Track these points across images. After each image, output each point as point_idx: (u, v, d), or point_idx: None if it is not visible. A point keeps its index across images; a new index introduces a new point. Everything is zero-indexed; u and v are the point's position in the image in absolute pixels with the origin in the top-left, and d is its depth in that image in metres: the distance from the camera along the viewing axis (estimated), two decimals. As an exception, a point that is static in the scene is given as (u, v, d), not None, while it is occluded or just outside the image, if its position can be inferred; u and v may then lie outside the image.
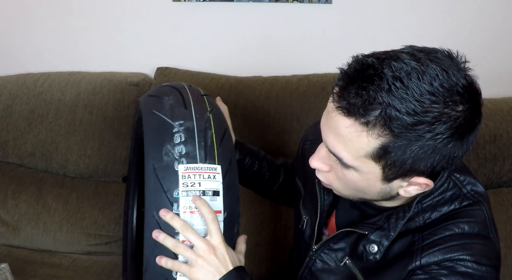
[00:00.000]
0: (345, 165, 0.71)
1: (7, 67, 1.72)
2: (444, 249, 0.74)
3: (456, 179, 0.79)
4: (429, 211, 0.78)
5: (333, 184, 0.79)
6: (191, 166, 0.82)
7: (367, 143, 0.66)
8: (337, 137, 0.69)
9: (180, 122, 0.84)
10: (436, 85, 0.62)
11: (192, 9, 1.61)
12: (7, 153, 1.60)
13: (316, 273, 0.90)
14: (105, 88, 1.55)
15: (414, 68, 0.62)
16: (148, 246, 0.82)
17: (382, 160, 0.68)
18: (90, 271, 1.45)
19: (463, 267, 0.73)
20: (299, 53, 1.62)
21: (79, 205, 1.53)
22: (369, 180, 0.72)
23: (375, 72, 0.63)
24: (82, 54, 1.70)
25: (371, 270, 0.82)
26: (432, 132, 0.63)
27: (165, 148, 0.82)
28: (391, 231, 0.78)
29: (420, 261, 0.75)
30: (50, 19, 1.68)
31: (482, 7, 1.54)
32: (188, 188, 0.81)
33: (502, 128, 1.42)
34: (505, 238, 1.37)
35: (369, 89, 0.62)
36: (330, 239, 0.88)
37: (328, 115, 0.70)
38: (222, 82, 1.53)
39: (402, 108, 0.61)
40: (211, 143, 0.85)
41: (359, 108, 0.63)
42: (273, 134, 1.48)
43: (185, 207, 0.81)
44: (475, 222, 0.76)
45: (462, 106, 0.64)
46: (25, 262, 1.46)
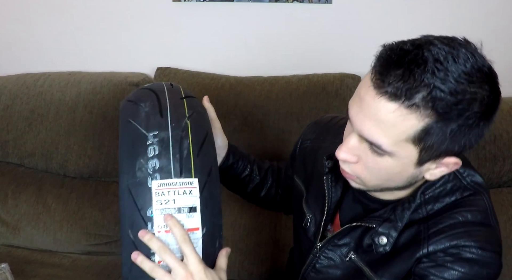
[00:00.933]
0: (381, 152, 0.71)
1: (7, 67, 1.73)
2: (450, 236, 0.76)
3: (456, 171, 0.81)
4: (432, 203, 0.80)
5: (361, 175, 0.77)
6: (165, 182, 0.77)
7: (411, 126, 0.67)
8: (378, 124, 0.69)
9: (154, 133, 0.79)
10: (469, 67, 0.66)
11: (192, 9, 1.61)
12: (7, 153, 1.60)
13: (320, 270, 0.91)
14: (105, 88, 1.55)
15: (449, 52, 0.66)
16: (125, 264, 0.79)
17: (422, 143, 0.69)
18: (90, 271, 1.45)
19: (468, 253, 0.75)
20: (299, 53, 1.62)
21: (79, 205, 1.53)
22: (404, 165, 0.72)
23: (416, 57, 0.65)
24: (82, 54, 1.70)
25: (378, 262, 0.83)
26: (470, 111, 0.66)
27: (138, 162, 0.78)
28: (399, 222, 0.79)
29: (427, 249, 0.77)
30: (51, 19, 1.68)
31: (482, 7, 1.54)
32: (162, 205, 0.77)
33: (502, 128, 1.42)
34: (505, 238, 1.37)
35: (415, 72, 0.64)
36: (335, 235, 0.88)
37: (363, 104, 0.70)
38: (222, 82, 1.53)
39: (445, 89, 0.64)
40: (188, 154, 0.79)
41: (406, 91, 0.65)
42: (273, 134, 1.47)
43: (159, 226, 0.77)
44: (477, 211, 0.79)
45: (488, 87, 0.68)
46: (25, 262, 1.46)
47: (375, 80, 0.67)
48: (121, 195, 0.79)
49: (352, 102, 0.73)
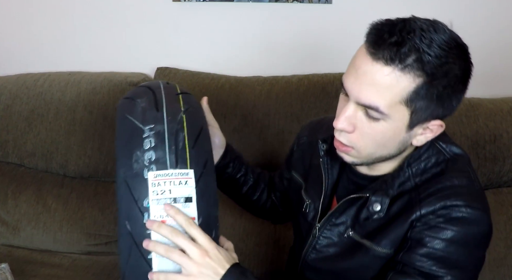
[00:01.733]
0: (378, 116, 0.78)
1: (7, 67, 1.73)
2: (439, 197, 0.81)
3: (439, 146, 0.88)
4: (419, 175, 0.86)
5: (357, 143, 0.82)
6: (161, 173, 0.79)
7: (404, 87, 0.75)
8: (375, 88, 0.76)
9: (150, 127, 0.81)
10: (447, 37, 0.76)
11: (192, 9, 1.61)
12: (7, 153, 1.60)
13: (320, 250, 0.95)
14: (105, 88, 1.55)
15: (431, 25, 0.76)
16: (123, 256, 0.80)
17: (413, 104, 0.77)
18: (90, 271, 1.45)
19: (458, 212, 0.80)
20: (299, 53, 1.62)
21: (79, 205, 1.53)
22: (397, 128, 0.79)
23: (405, 27, 0.75)
24: (82, 54, 1.70)
25: (375, 232, 0.87)
26: (452, 73, 0.75)
27: (134, 155, 0.79)
28: (390, 189, 0.85)
29: (420, 211, 0.82)
30: (50, 19, 1.68)
31: (482, 7, 1.55)
32: (158, 196, 0.78)
33: (502, 128, 1.42)
34: (505, 238, 1.37)
35: (406, 39, 0.73)
36: (333, 214, 0.92)
37: (359, 72, 0.77)
38: (222, 82, 1.53)
39: (431, 53, 0.73)
40: (183, 146, 0.81)
41: (399, 55, 0.73)
42: (273, 134, 1.47)
43: (155, 216, 0.78)
44: (462, 177, 0.84)
45: (462, 55, 0.78)
46: (25, 262, 1.46)
47: (371, 49, 0.76)
48: (118, 187, 0.80)
49: (347, 75, 0.80)
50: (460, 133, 1.41)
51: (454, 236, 0.80)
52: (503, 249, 1.37)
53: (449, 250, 0.80)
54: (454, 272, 0.80)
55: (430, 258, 0.80)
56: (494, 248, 1.36)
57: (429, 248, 0.80)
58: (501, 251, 1.37)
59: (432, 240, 0.80)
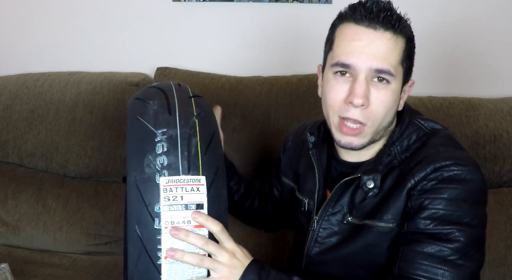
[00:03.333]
0: (389, 78, 0.84)
1: (7, 67, 1.73)
2: (428, 161, 0.85)
3: (418, 122, 0.93)
4: (404, 151, 0.90)
5: (372, 117, 0.86)
6: (173, 178, 0.78)
7: (400, 48, 0.85)
8: (382, 53, 0.84)
9: (163, 131, 0.80)
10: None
11: (192, 9, 1.61)
12: (7, 153, 1.60)
13: (322, 242, 0.95)
14: (105, 88, 1.55)
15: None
16: (131, 261, 0.79)
17: (404, 63, 0.87)
18: (90, 271, 1.45)
19: (449, 171, 0.83)
20: (299, 53, 1.62)
21: (79, 205, 1.53)
22: (398, 90, 0.87)
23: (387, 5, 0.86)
24: (82, 54, 1.70)
25: (374, 210, 0.89)
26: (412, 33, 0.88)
27: (146, 159, 0.79)
28: (379, 166, 0.89)
29: (414, 179, 0.85)
30: (50, 19, 1.68)
31: (483, 8, 1.54)
32: (170, 202, 0.78)
33: (502, 128, 1.42)
34: (505, 238, 1.37)
35: (391, 8, 0.85)
36: (328, 203, 0.94)
37: (361, 45, 0.84)
38: (222, 82, 1.53)
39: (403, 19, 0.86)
40: (195, 152, 0.81)
41: (393, 21, 0.84)
42: (273, 134, 1.47)
43: (166, 222, 0.77)
44: (445, 144, 0.89)
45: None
46: (25, 262, 1.46)
47: (365, 22, 0.84)
48: (129, 191, 0.79)
49: (347, 54, 0.85)
50: (460, 133, 1.41)
51: (451, 193, 0.82)
52: (503, 249, 1.37)
53: (450, 208, 0.82)
54: (460, 227, 0.81)
55: (434, 219, 0.82)
56: (494, 248, 1.36)
57: (430, 209, 0.82)
58: (501, 251, 1.37)
59: (432, 201, 0.82)
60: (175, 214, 0.78)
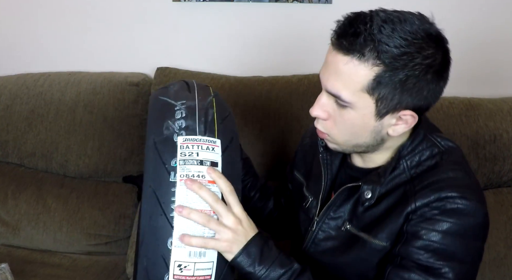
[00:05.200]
0: (343, 103, 0.81)
1: (7, 67, 1.73)
2: (434, 189, 0.82)
3: (434, 139, 0.89)
4: (414, 167, 0.87)
5: (331, 130, 0.86)
6: (190, 137, 0.82)
7: (364, 76, 0.78)
8: (337, 77, 0.80)
9: (182, 102, 0.86)
10: (415, 28, 0.77)
11: (192, 9, 1.61)
12: (7, 153, 1.59)
13: (319, 243, 0.96)
14: (105, 88, 1.55)
15: (397, 17, 0.78)
16: (144, 217, 0.81)
17: (376, 92, 0.79)
18: (90, 271, 1.45)
19: (453, 204, 0.81)
20: (299, 53, 1.62)
21: (79, 205, 1.53)
22: (365, 116, 0.81)
23: (366, 19, 0.78)
24: (82, 54, 1.70)
25: (371, 224, 0.88)
26: (413, 62, 0.76)
27: (166, 123, 0.83)
28: (381, 178, 0.87)
29: (415, 203, 0.82)
30: (50, 19, 1.68)
31: (482, 8, 1.55)
32: (186, 157, 0.81)
33: (502, 128, 1.42)
34: (506, 238, 1.37)
35: (364, 30, 0.76)
36: (330, 207, 0.94)
37: (327, 63, 0.82)
38: (222, 82, 1.53)
39: (390, 43, 0.76)
40: (212, 119, 0.86)
41: (356, 45, 0.77)
42: (273, 134, 1.47)
43: (182, 175, 0.80)
44: (457, 169, 0.85)
45: (434, 46, 0.78)
46: (25, 262, 1.46)
47: (334, 40, 0.80)
48: (147, 153, 0.83)
49: (322, 67, 0.84)
50: (460, 133, 1.41)
51: (450, 227, 0.80)
52: (503, 249, 1.37)
53: (446, 242, 0.80)
54: (452, 263, 0.80)
55: (427, 251, 0.81)
56: (494, 248, 1.36)
57: (425, 240, 0.81)
58: (501, 251, 1.37)
59: (428, 232, 0.81)
60: (190, 168, 0.81)
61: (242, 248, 0.83)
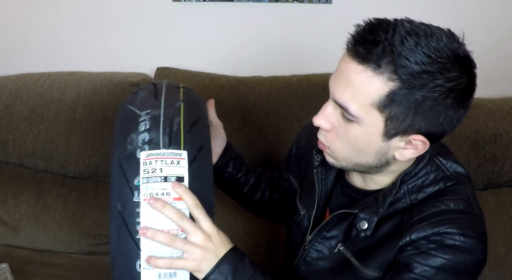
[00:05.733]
0: (350, 117, 0.75)
1: (7, 67, 1.72)
2: (432, 224, 0.78)
3: (439, 162, 0.84)
4: (415, 192, 0.82)
5: (332, 144, 0.80)
6: (153, 152, 0.78)
7: (376, 89, 0.71)
8: (347, 87, 0.73)
9: (147, 112, 0.81)
10: (442, 45, 0.70)
11: (192, 9, 1.61)
12: (7, 153, 1.59)
13: (310, 262, 0.93)
14: (105, 88, 1.55)
15: (423, 30, 0.70)
16: (113, 238, 0.79)
17: (387, 110, 0.72)
18: (90, 271, 1.45)
19: (450, 240, 0.76)
20: (299, 53, 1.62)
21: (79, 205, 1.53)
22: (371, 134, 0.75)
23: (389, 27, 0.70)
24: (82, 54, 1.70)
25: (364, 252, 0.84)
26: (434, 83, 0.69)
27: (129, 137, 0.80)
28: (380, 207, 0.82)
29: (410, 237, 0.78)
30: (50, 19, 1.68)
31: (482, 7, 1.54)
32: (149, 174, 0.77)
33: (502, 128, 1.42)
34: (505, 238, 1.37)
35: (384, 39, 0.69)
36: (323, 227, 0.90)
37: (338, 70, 0.76)
38: (222, 82, 1.53)
39: (411, 58, 0.68)
40: (178, 129, 0.80)
41: (372, 55, 0.69)
42: (273, 134, 1.47)
43: (145, 194, 0.76)
44: (459, 200, 0.80)
45: (460, 69, 0.71)
46: (25, 262, 1.46)
47: (350, 46, 0.73)
48: (112, 169, 0.81)
49: (332, 74, 0.78)
50: (460, 133, 1.41)
51: (445, 264, 0.76)
52: (503, 249, 1.37)
53: (437, 278, 0.77)
54: None
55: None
56: (494, 248, 1.36)
57: (417, 274, 0.77)
58: (501, 251, 1.37)
59: (421, 267, 0.77)
60: (154, 186, 0.77)
61: (213, 266, 0.78)
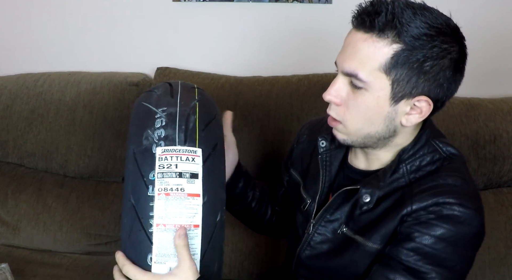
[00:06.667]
0: (358, 84, 0.80)
1: (7, 67, 1.72)
2: (432, 194, 0.81)
3: (436, 144, 0.88)
4: (414, 172, 0.86)
5: (344, 116, 0.84)
6: (169, 148, 0.80)
7: (382, 54, 0.77)
8: (354, 55, 0.79)
9: (163, 109, 0.83)
10: (435, 15, 0.79)
11: (192, 9, 1.61)
12: (7, 153, 1.59)
13: (314, 246, 0.95)
14: (105, 88, 1.55)
15: (418, 5, 0.79)
16: (124, 231, 0.81)
17: (392, 72, 0.78)
18: (90, 271, 1.45)
19: (449, 210, 0.80)
20: (299, 53, 1.62)
21: (79, 205, 1.53)
22: (379, 99, 0.80)
23: (388, 1, 0.78)
24: (82, 54, 1.70)
25: (367, 227, 0.87)
26: (432, 43, 0.77)
27: (145, 133, 0.81)
28: (380, 182, 0.86)
29: (411, 207, 0.82)
30: (50, 19, 1.68)
31: (482, 7, 1.54)
32: (164, 169, 0.79)
33: (502, 128, 1.42)
34: (505, 238, 1.37)
35: (386, 9, 0.77)
36: (327, 209, 0.93)
37: (345, 45, 0.82)
38: (222, 82, 1.53)
39: (410, 23, 0.76)
40: (193, 126, 0.83)
41: (377, 22, 0.76)
42: (273, 134, 1.47)
43: (160, 189, 0.78)
44: (457, 176, 0.84)
45: (452, 36, 0.79)
46: (25, 262, 1.46)
47: (354, 19, 0.80)
48: (127, 163, 0.82)
49: (339, 52, 0.84)
50: (460, 133, 1.41)
51: (444, 233, 0.79)
52: (503, 249, 1.37)
53: (437, 247, 0.79)
54: (440, 269, 0.80)
55: (417, 253, 0.80)
56: (494, 248, 1.36)
57: (417, 243, 0.80)
58: (501, 251, 1.37)
59: (421, 235, 0.80)
60: (169, 181, 0.79)
61: None
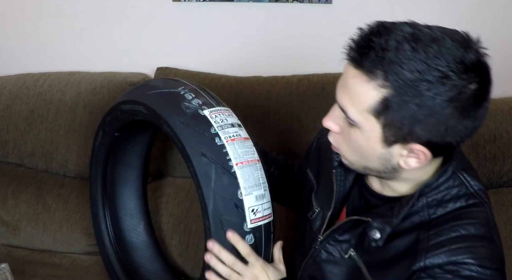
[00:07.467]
0: (350, 121, 0.75)
1: (7, 67, 1.73)
2: (449, 251, 0.74)
3: (463, 177, 0.80)
4: (435, 207, 0.79)
5: (341, 146, 0.82)
6: (213, 109, 0.95)
7: (371, 96, 0.70)
8: (345, 91, 0.74)
9: (182, 87, 0.97)
10: (444, 51, 0.66)
11: (192, 9, 1.61)
12: (7, 153, 1.59)
13: (320, 264, 0.91)
14: (105, 88, 1.55)
15: (425, 34, 0.68)
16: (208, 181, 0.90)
17: (382, 117, 0.71)
18: (90, 271, 1.45)
19: (467, 270, 0.73)
20: (299, 53, 1.62)
21: (79, 205, 1.53)
22: (370, 140, 0.74)
23: (385, 32, 0.68)
24: (82, 54, 1.70)
25: (376, 265, 0.82)
26: (431, 91, 0.66)
27: (183, 105, 0.94)
28: (394, 218, 0.78)
29: (424, 262, 0.75)
30: (50, 19, 1.68)
31: (482, 8, 1.54)
32: (220, 123, 0.93)
33: (502, 128, 1.42)
34: (505, 238, 1.37)
35: (378, 44, 0.67)
36: (336, 230, 0.89)
37: (342, 76, 0.76)
38: (222, 82, 1.53)
39: (404, 65, 0.66)
40: (215, 95, 1.00)
41: (366, 60, 0.69)
42: (273, 134, 1.47)
43: (225, 137, 0.92)
44: (480, 224, 0.77)
45: (466, 77, 0.67)
46: (25, 262, 1.46)
47: (349, 50, 0.72)
48: (180, 133, 0.92)
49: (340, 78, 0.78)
50: (460, 133, 1.41)
51: None
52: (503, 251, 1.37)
53: None
54: None
55: None
56: (494, 248, 1.36)
57: None
58: (501, 251, 1.36)
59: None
60: (228, 130, 0.93)
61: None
